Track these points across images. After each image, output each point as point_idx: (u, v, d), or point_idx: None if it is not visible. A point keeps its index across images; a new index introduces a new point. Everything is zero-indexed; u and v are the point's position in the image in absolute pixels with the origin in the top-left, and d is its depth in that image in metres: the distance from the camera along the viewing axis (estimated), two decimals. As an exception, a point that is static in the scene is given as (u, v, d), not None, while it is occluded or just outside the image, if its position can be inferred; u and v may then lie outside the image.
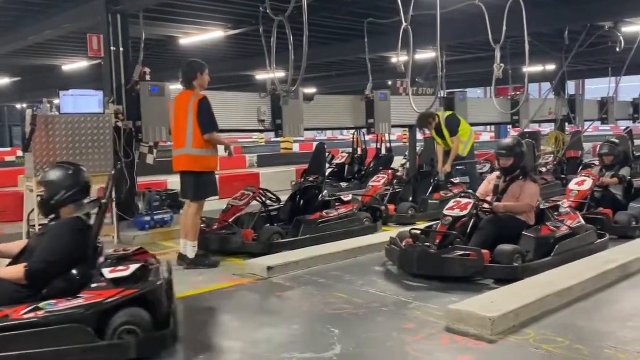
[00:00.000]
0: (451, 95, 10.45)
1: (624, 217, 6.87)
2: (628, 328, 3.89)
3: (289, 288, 5.04)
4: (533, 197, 5.58)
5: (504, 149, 5.70)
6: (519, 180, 5.64)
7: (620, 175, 7.47)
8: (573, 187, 7.33)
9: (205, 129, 5.62)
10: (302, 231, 6.48)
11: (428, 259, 5.12)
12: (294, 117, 7.94)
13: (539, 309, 4.16)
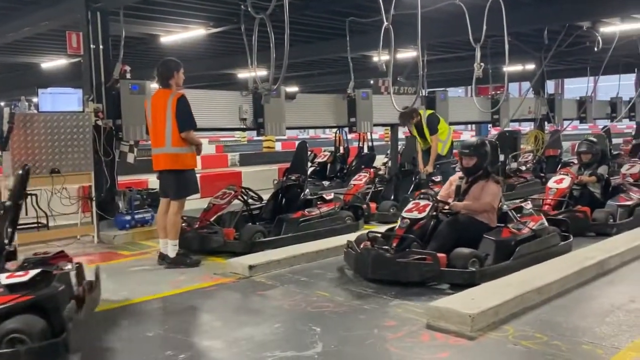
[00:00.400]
0: (432, 94, 10.49)
1: (601, 215, 6.93)
2: (605, 324, 3.94)
3: (271, 287, 5.03)
4: (494, 197, 5.41)
5: (467, 148, 5.57)
6: (481, 181, 5.49)
7: (598, 174, 7.53)
8: (552, 185, 7.39)
9: (183, 127, 5.59)
10: (284, 230, 6.48)
11: (383, 263, 4.94)
12: (275, 115, 7.91)
13: (519, 305, 4.21)
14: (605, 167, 7.71)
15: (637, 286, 4.81)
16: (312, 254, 5.93)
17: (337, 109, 9.27)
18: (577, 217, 6.85)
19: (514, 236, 5.29)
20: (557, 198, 7.19)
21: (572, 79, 27.99)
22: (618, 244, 5.86)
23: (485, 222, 5.36)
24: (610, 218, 6.96)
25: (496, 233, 5.25)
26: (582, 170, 7.70)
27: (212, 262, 5.94)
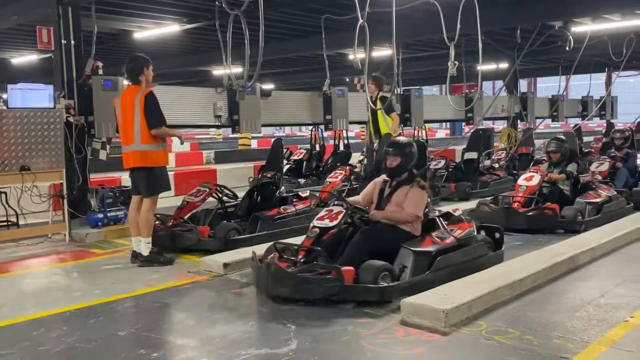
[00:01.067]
0: (407, 92, 10.57)
1: (570, 212, 7.00)
2: (576, 318, 4.00)
3: (245, 284, 5.00)
4: (418, 205, 4.87)
5: (391, 146, 5.08)
6: (405, 186, 4.95)
7: (567, 171, 7.58)
8: (522, 182, 7.41)
9: (152, 124, 5.51)
10: (259, 227, 6.44)
11: (282, 279, 4.35)
12: (250, 112, 7.89)
13: (491, 300, 4.25)
14: (575, 165, 7.76)
15: (606, 281, 4.90)
16: (288, 251, 5.88)
17: (313, 106, 9.29)
18: (546, 214, 6.92)
19: (435, 246, 4.75)
20: (527, 195, 7.21)
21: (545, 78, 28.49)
22: (588, 240, 5.96)
23: (407, 230, 4.84)
24: (579, 215, 7.02)
25: (416, 243, 4.71)
26: (552, 168, 7.75)
27: (186, 260, 5.89)
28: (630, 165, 9.16)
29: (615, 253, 5.90)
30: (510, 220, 6.89)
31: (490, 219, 6.99)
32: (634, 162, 9.22)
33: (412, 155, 5.07)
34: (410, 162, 5.05)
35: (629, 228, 6.51)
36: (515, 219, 6.94)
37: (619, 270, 5.32)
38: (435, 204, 8.77)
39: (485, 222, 6.88)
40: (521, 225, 6.88)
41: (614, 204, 7.57)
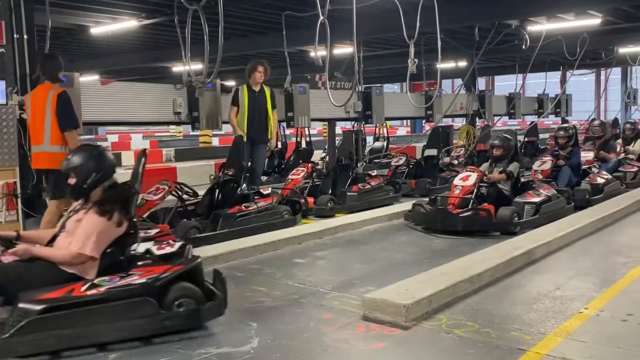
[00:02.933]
0: (368, 90, 10.61)
1: (506, 213, 6.66)
2: (533, 311, 4.09)
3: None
4: (87, 241, 3.60)
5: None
6: (83, 208, 3.79)
7: (508, 171, 7.31)
8: (457, 182, 7.11)
9: (65, 125, 5.31)
10: (220, 225, 6.38)
11: None
12: (211, 109, 7.78)
13: (451, 294, 4.30)
14: (516, 164, 7.50)
15: (562, 274, 5.02)
16: (249, 249, 5.87)
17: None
18: (480, 216, 6.61)
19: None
20: (462, 196, 6.89)
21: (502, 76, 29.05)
22: (545, 234, 6.09)
23: (72, 271, 3.61)
24: (515, 216, 6.68)
25: None
26: (493, 166, 7.53)
27: (145, 259, 5.77)
28: (574, 163, 8.85)
29: (570, 247, 6.04)
30: (444, 221, 6.68)
31: (425, 220, 6.99)
32: (577, 161, 8.93)
33: (87, 164, 3.78)
34: (89, 175, 3.77)
35: (583, 222, 6.68)
36: (448, 221, 6.65)
37: (574, 263, 5.46)
38: (397, 200, 8.90)
39: (420, 224, 7.01)
40: (455, 226, 6.60)
41: (553, 203, 7.29)
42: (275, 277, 5.06)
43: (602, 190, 8.67)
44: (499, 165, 7.46)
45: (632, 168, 10.44)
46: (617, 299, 4.29)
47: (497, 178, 7.24)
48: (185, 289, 3.69)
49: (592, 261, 5.52)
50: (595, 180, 8.91)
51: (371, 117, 10.39)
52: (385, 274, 5.07)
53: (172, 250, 3.96)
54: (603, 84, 29.01)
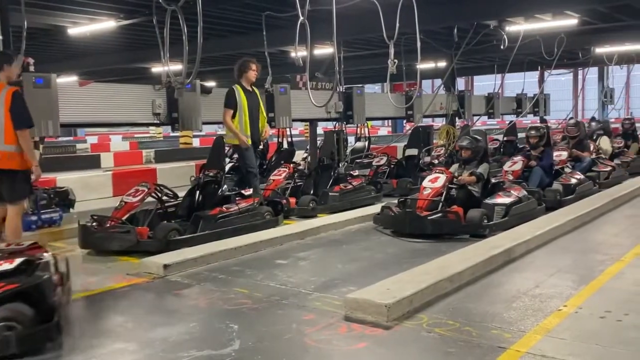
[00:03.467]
0: (349, 90, 10.61)
1: (475, 215, 6.49)
2: (512, 309, 4.12)
3: (187, 285, 4.91)
4: None
5: None
6: None
7: (478, 173, 7.14)
8: (426, 184, 6.94)
9: (20, 124, 5.14)
10: (201, 227, 6.34)
11: None
12: (190, 110, 7.71)
13: (432, 293, 4.32)
14: (486, 165, 7.33)
15: (541, 272, 5.06)
16: (231, 250, 5.83)
17: (255, 104, 9.18)
18: (449, 219, 6.45)
19: None
20: (431, 198, 6.72)
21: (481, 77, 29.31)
22: (524, 232, 6.15)
23: None
24: (485, 218, 6.52)
25: None
26: (462, 167, 7.39)
27: (124, 262, 5.73)
28: (545, 164, 8.67)
29: (549, 245, 6.11)
30: (412, 225, 6.52)
31: (393, 223, 6.82)
32: (549, 161, 8.74)
33: None
34: None
35: (561, 221, 6.75)
36: (417, 224, 6.49)
37: (553, 261, 5.51)
38: (379, 200, 8.92)
39: (389, 228, 6.86)
40: (424, 230, 6.44)
41: (523, 205, 7.16)
42: (257, 279, 5.04)
43: (574, 191, 8.54)
44: (468, 167, 7.32)
45: (606, 167, 10.40)
46: (595, 296, 4.35)
47: (467, 180, 7.07)
48: (11, 311, 3.36)
49: (571, 259, 5.58)
50: (568, 180, 8.75)
51: (352, 117, 10.38)
52: (367, 274, 5.07)
53: (8, 268, 3.55)
54: (580, 84, 29.49)
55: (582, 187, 8.83)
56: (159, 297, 4.69)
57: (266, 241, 6.23)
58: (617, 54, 15.67)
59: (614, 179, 10.14)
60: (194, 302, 4.52)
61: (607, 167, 10.44)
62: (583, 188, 8.81)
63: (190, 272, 5.26)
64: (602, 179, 9.96)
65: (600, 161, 10.62)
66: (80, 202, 8.05)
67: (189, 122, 7.73)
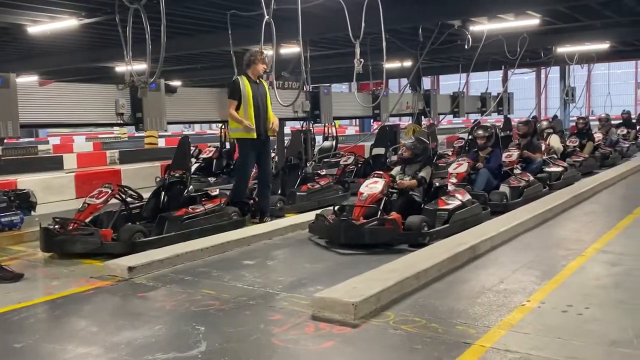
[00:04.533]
0: (316, 90, 10.63)
1: (414, 222, 6.04)
2: (477, 305, 4.19)
3: (152, 288, 4.86)
4: None
5: None
6: None
7: (419, 177, 6.74)
8: (363, 189, 6.47)
9: None
10: (166, 228, 6.27)
11: None
12: (155, 110, 7.60)
13: (399, 291, 4.36)
14: (429, 169, 6.92)
15: (505, 268, 5.16)
16: (197, 252, 5.78)
17: (222, 103, 9.10)
18: (386, 227, 5.98)
19: None
20: (368, 204, 6.24)
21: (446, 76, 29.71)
22: (488, 229, 6.26)
23: None
24: (424, 225, 6.08)
25: None
26: (403, 170, 7.01)
27: (88, 265, 5.63)
28: (493, 165, 8.33)
29: (513, 241, 6.22)
30: (347, 234, 6.03)
31: (328, 233, 6.32)
32: (497, 162, 8.39)
33: None
34: None
35: (524, 217, 6.89)
36: (352, 233, 6.00)
37: (516, 257, 5.62)
38: (346, 199, 8.95)
39: (323, 237, 6.36)
40: (360, 239, 5.97)
41: (467, 210, 6.78)
42: (224, 280, 5.01)
43: (522, 193, 8.24)
44: (409, 170, 6.94)
45: (557, 167, 10.11)
46: (557, 291, 4.44)
47: (407, 185, 6.67)
48: None
49: (534, 255, 5.69)
50: (516, 182, 8.35)
51: (319, 117, 10.41)
52: (334, 273, 5.09)
53: None
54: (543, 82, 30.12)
55: (531, 189, 8.49)
56: (123, 300, 4.63)
57: (233, 242, 6.19)
58: (578, 53, 16.08)
59: (566, 180, 9.85)
60: (160, 304, 4.48)
61: (558, 167, 10.16)
62: (532, 190, 8.48)
63: (155, 274, 5.20)
64: (553, 179, 9.64)
65: (552, 161, 10.31)
66: (42, 205, 7.87)
67: (153, 122, 7.64)
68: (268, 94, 7.52)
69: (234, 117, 7.23)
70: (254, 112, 7.26)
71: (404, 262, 4.98)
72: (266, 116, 7.46)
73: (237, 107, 7.25)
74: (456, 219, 6.53)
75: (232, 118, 7.32)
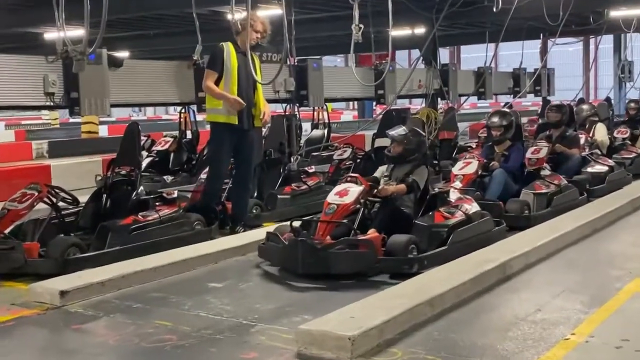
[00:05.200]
0: (303, 63, 10.67)
1: (398, 243, 5.67)
2: (508, 339, 4.20)
3: (91, 318, 4.86)
4: None
5: None
6: None
7: (409, 181, 6.35)
8: (332, 198, 6.07)
9: None
10: (109, 241, 6.26)
11: None
12: (95, 89, 7.62)
13: (408, 321, 4.37)
14: (424, 170, 6.57)
15: (543, 292, 5.19)
16: (149, 271, 5.78)
17: (182, 80, 9.14)
18: (359, 252, 5.60)
19: None
20: (336, 220, 5.88)
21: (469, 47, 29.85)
22: (522, 242, 6.29)
23: None
24: (413, 248, 5.73)
25: None
26: (389, 170, 6.71)
27: (8, 288, 5.62)
28: (513, 165, 8.03)
29: (553, 258, 6.25)
30: (305, 262, 5.58)
31: (280, 258, 5.98)
32: (518, 161, 8.09)
33: None
34: None
35: (568, 227, 6.93)
36: (312, 260, 5.57)
37: (558, 278, 5.66)
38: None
39: (275, 264, 6.04)
40: (322, 269, 5.55)
41: (474, 226, 6.43)
42: (184, 308, 5.02)
43: (550, 202, 7.88)
44: (397, 172, 6.57)
45: (601, 167, 9.76)
46: (609, 321, 4.46)
47: (393, 191, 6.26)
48: None
49: (580, 275, 5.73)
50: (542, 188, 7.96)
51: (307, 99, 10.45)
52: (325, 298, 5.12)
53: None
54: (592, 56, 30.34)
55: (562, 197, 8.12)
56: (54, 334, 4.64)
57: (196, 258, 6.21)
58: (637, 18, 16.09)
59: (611, 184, 9.51)
60: (101, 339, 4.48)
61: (602, 166, 9.83)
62: (563, 199, 8.11)
63: (95, 300, 5.19)
64: (594, 183, 9.27)
65: (593, 158, 9.96)
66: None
67: (93, 104, 7.63)
68: (259, 73, 7.39)
69: (214, 91, 7.15)
70: (238, 91, 7.23)
71: (415, 284, 5.00)
72: (254, 100, 7.46)
73: (217, 81, 7.19)
74: (458, 238, 6.13)
75: (210, 93, 7.26)
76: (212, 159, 7.78)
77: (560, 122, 9.77)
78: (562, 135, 9.68)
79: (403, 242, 5.68)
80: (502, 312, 4.78)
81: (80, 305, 5.09)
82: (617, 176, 9.93)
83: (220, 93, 7.15)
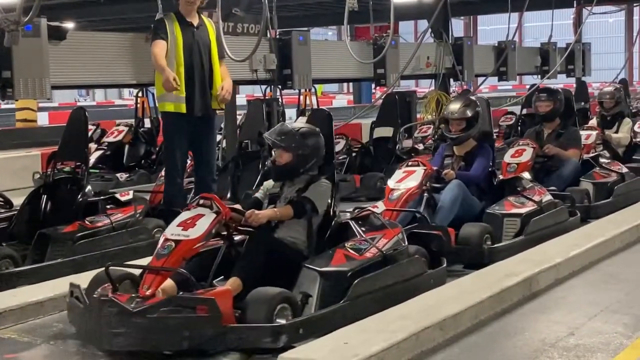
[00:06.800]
0: (287, 36, 10.66)
1: (258, 302, 4.57)
2: (535, 369, 4.24)
3: (29, 345, 4.86)
4: None
5: None
6: None
7: (297, 201, 5.41)
8: (172, 232, 4.87)
9: None
10: (50, 252, 6.29)
11: None
12: (32, 66, 7.61)
13: (414, 348, 4.38)
14: (325, 185, 5.70)
15: (577, 313, 5.18)
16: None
17: (139, 57, 9.10)
18: (193, 317, 4.41)
19: None
20: (167, 267, 4.63)
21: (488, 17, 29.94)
22: (552, 253, 6.29)
23: None
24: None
25: None
26: (281, 188, 5.58)
27: None
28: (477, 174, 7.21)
29: (589, 271, 6.28)
30: (104, 335, 4.46)
31: (80, 326, 4.79)
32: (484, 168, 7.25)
33: None
34: None
35: (607, 235, 6.94)
36: (122, 330, 4.38)
37: (594, 295, 5.67)
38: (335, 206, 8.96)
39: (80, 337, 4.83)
40: (136, 343, 4.41)
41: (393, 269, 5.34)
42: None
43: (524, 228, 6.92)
44: (288, 190, 5.60)
45: (607, 176, 8.89)
46: (657, 347, 4.50)
47: (270, 216, 5.30)
48: None
49: (622, 292, 5.72)
50: (514, 206, 7.06)
51: (292, 79, 10.45)
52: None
53: None
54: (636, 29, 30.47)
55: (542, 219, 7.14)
56: (-19, 365, 4.60)
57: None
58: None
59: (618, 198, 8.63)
60: (40, 370, 4.47)
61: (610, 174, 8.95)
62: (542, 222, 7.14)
63: (32, 323, 5.20)
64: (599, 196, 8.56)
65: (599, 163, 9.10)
66: None
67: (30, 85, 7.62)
68: (214, 42, 7.45)
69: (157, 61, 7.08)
70: (187, 73, 7.22)
71: (421, 303, 5.00)
72: (210, 79, 7.41)
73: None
74: (369, 288, 5.09)
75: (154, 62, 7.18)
76: (165, 156, 7.80)
77: (553, 113, 8.92)
78: (557, 132, 8.91)
79: (267, 300, 4.60)
80: (528, 337, 4.78)
81: (14, 330, 5.09)
82: (627, 188, 8.97)
83: (160, 65, 7.07)
